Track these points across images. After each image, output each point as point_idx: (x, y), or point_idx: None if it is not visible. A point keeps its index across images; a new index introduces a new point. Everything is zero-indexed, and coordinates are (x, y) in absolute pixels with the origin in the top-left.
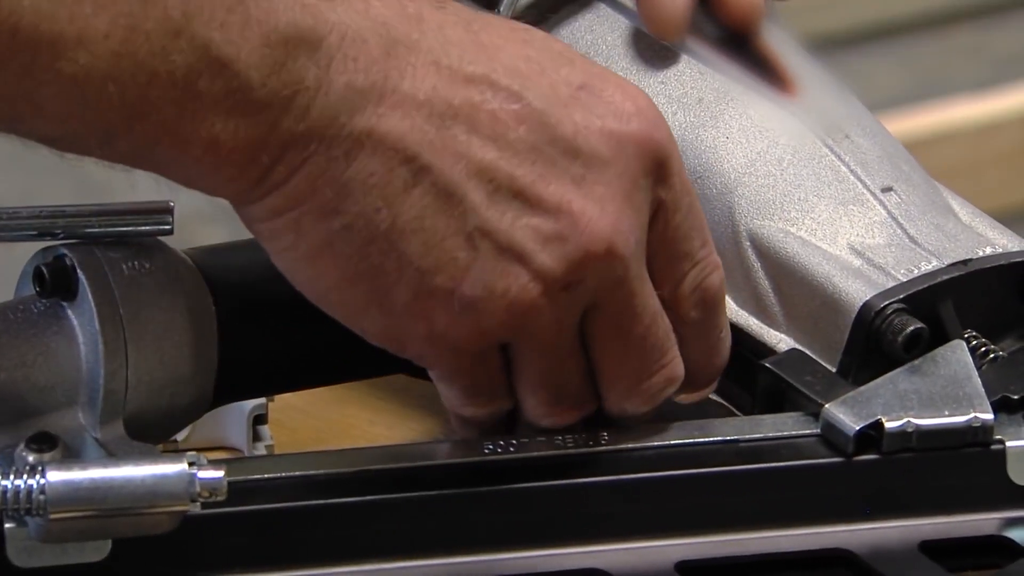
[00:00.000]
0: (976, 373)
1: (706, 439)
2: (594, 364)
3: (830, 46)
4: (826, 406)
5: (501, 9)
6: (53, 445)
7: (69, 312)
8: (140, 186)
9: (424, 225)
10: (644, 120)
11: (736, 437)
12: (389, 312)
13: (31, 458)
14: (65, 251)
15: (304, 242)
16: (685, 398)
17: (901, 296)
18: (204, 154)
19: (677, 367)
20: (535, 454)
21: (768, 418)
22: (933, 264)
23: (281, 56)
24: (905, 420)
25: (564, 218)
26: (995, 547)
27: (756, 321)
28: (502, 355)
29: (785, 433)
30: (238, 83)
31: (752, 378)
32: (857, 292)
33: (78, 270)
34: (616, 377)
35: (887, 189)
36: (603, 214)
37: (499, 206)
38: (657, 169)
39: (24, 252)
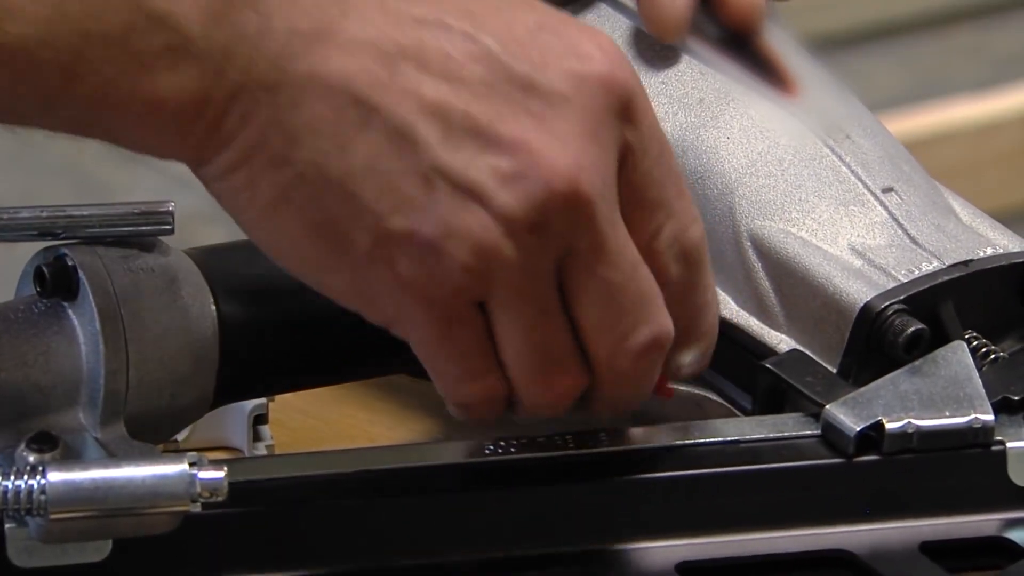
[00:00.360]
0: (977, 374)
1: (706, 440)
2: (576, 323)
3: (830, 46)
4: (827, 407)
5: None
6: (54, 445)
7: (70, 312)
8: (140, 186)
9: (378, 167)
10: (606, 59)
11: (737, 438)
12: (352, 264)
13: (32, 458)
14: (66, 251)
15: (260, 197)
16: (681, 370)
17: (902, 297)
18: (148, 114)
19: (664, 322)
20: (536, 455)
21: (768, 419)
22: (934, 265)
23: (220, 6)
24: (906, 421)
25: (523, 155)
26: (996, 548)
27: (757, 322)
28: (482, 320)
29: (785, 434)
30: (177, 37)
31: (752, 379)
32: (858, 293)
33: (79, 270)
34: (599, 331)
35: (888, 190)
36: (565, 151)
37: (454, 144)
38: (623, 109)
39: (24, 252)
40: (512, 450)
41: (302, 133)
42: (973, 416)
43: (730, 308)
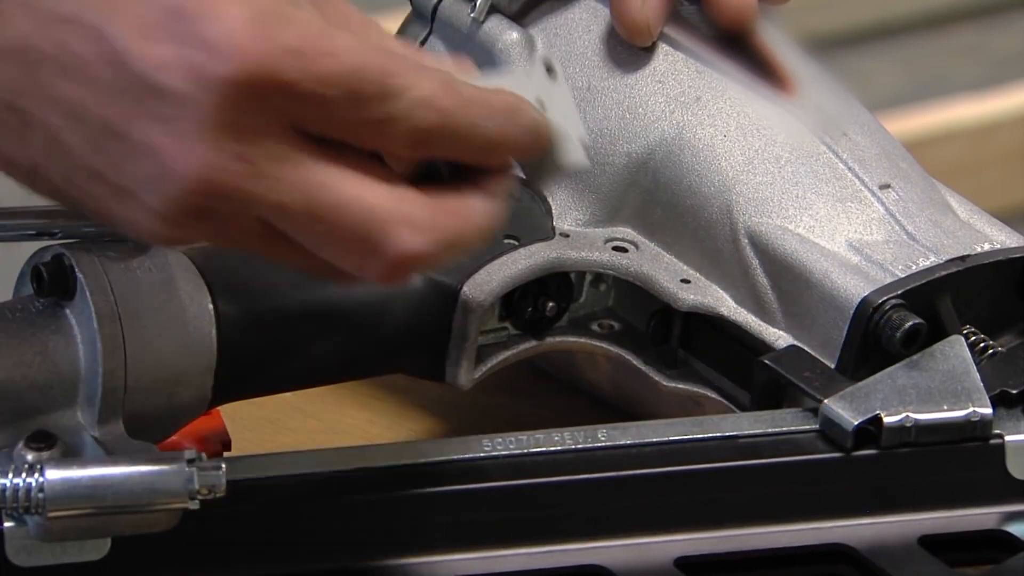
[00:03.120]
0: (975, 368)
1: (705, 435)
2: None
3: (830, 46)
4: (825, 401)
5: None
6: (52, 444)
7: (67, 311)
8: None
9: (51, 164)
10: (235, 46)
11: (735, 433)
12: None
13: (30, 457)
14: (63, 251)
15: None
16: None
17: (899, 292)
18: None
19: (398, 245)
20: (534, 451)
21: (767, 414)
22: (931, 260)
23: None
24: (904, 415)
25: (155, 159)
26: (994, 541)
27: (755, 318)
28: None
29: (784, 429)
30: None
31: (751, 375)
32: (855, 288)
33: (76, 269)
34: (334, 263)
35: (885, 186)
36: (192, 152)
37: (99, 148)
38: (267, 87)
39: (24, 252)
40: (511, 447)
41: None
42: (971, 410)
43: (728, 305)
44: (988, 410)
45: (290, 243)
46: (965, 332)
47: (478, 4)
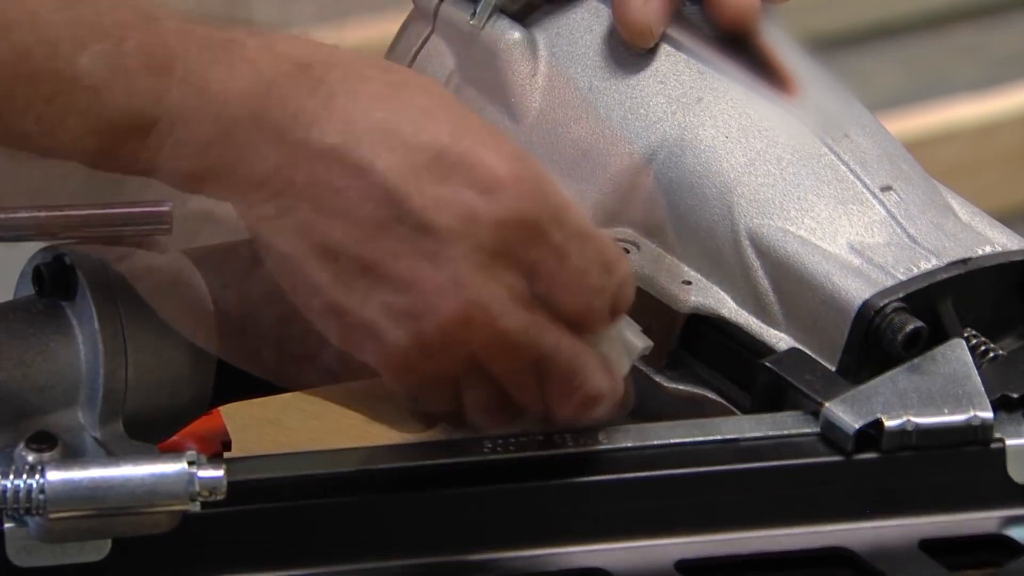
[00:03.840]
0: (976, 372)
1: (706, 438)
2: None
3: (830, 46)
4: (826, 405)
5: (479, 8)
6: (53, 444)
7: (68, 312)
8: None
9: (276, 300)
10: (505, 190)
11: (736, 436)
12: (264, 368)
13: (31, 457)
14: (64, 251)
15: None
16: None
17: (901, 295)
18: None
19: (594, 386)
20: (535, 453)
21: (768, 417)
22: (932, 263)
23: (108, 143)
24: (905, 419)
25: (416, 294)
26: (995, 545)
27: (756, 320)
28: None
29: (785, 432)
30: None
31: (752, 377)
32: (857, 291)
33: (77, 270)
34: (533, 405)
35: (886, 188)
36: (457, 289)
37: (347, 284)
38: (526, 235)
39: (24, 252)
40: (511, 449)
41: None
42: (972, 414)
43: (729, 306)
44: (989, 414)
45: (483, 378)
46: (966, 335)
47: (478, 9)
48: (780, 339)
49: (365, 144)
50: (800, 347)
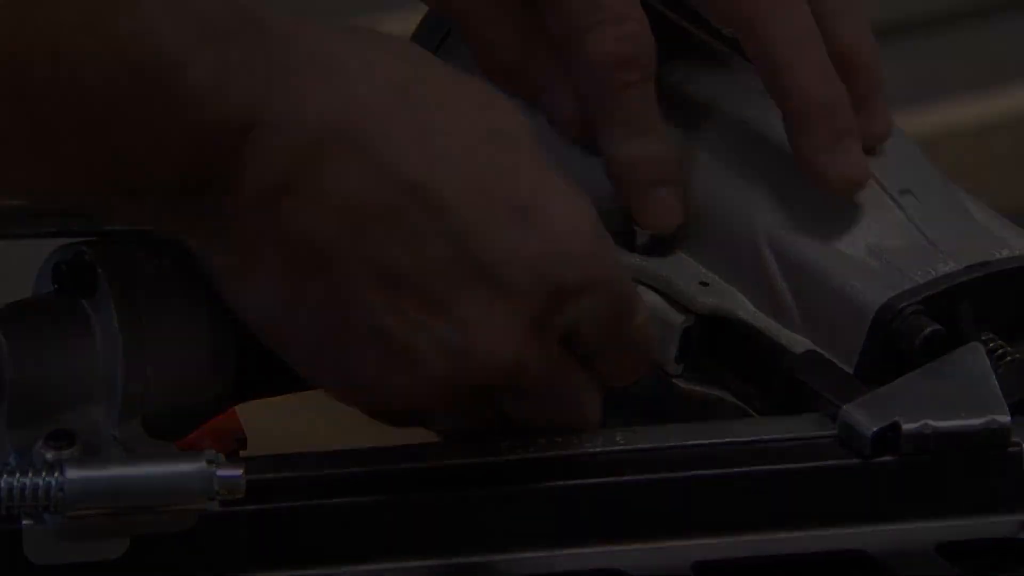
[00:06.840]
0: (993, 375)
1: (723, 440)
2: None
3: None
4: (843, 407)
5: None
6: (71, 442)
7: (88, 309)
8: None
9: (316, 319)
10: (575, 260)
11: (753, 438)
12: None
13: (49, 455)
14: (84, 248)
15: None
16: None
17: (919, 298)
18: None
19: (593, 419)
20: (550, 454)
21: (785, 419)
22: (951, 266)
23: (201, 156)
24: (922, 422)
25: (465, 334)
26: (1013, 549)
27: (773, 322)
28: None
29: (802, 434)
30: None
31: (769, 379)
32: (875, 294)
33: (97, 267)
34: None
35: (905, 191)
36: (507, 339)
37: (401, 312)
38: (587, 306)
39: (24, 252)
40: (527, 451)
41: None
42: (990, 417)
43: (746, 308)
44: (1007, 418)
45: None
46: (984, 339)
47: None
48: (797, 341)
49: (449, 188)
50: (818, 349)
